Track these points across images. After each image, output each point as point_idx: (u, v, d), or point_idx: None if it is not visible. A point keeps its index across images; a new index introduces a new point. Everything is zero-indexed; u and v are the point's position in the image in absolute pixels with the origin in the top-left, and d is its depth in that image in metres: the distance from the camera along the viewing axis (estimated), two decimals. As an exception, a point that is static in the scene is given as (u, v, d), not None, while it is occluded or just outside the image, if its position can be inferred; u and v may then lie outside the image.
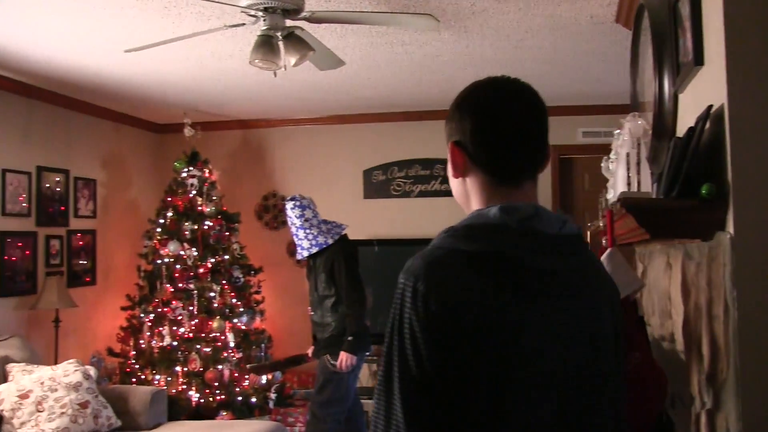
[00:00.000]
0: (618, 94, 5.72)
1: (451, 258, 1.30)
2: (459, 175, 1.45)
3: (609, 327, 1.41)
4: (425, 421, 1.25)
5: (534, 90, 1.47)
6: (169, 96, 5.94)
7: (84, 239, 6.18)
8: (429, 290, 1.26)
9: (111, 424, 4.60)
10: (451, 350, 1.25)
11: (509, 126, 1.41)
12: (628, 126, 2.61)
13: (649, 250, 3.05)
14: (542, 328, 1.29)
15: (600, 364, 1.37)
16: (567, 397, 1.31)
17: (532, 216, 1.34)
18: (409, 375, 1.26)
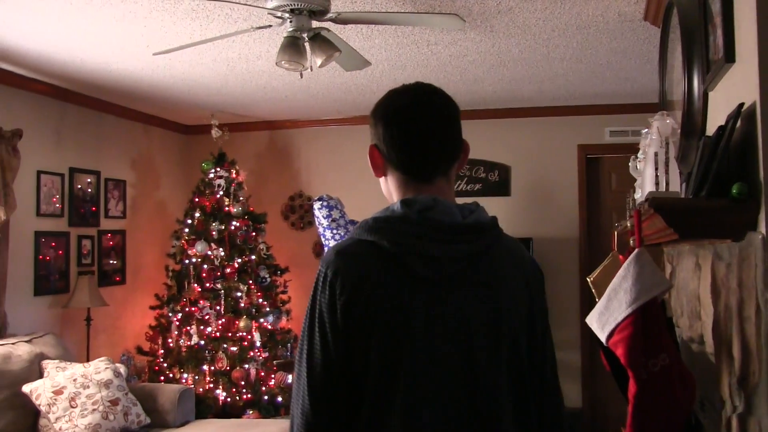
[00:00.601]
0: (646, 92, 5.68)
1: (357, 247, 1.48)
2: (380, 174, 1.63)
3: (521, 304, 1.53)
4: (324, 390, 1.43)
5: (444, 94, 1.62)
6: (197, 97, 5.98)
7: (114, 239, 6.25)
8: (335, 276, 1.45)
9: (140, 421, 4.66)
10: (349, 330, 1.42)
11: (414, 129, 1.55)
12: (656, 125, 2.59)
13: (677, 251, 3.02)
14: (433, 310, 1.43)
15: (501, 338, 1.48)
16: (457, 376, 1.43)
17: (431, 207, 1.47)
18: (314, 349, 1.44)
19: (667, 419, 2.01)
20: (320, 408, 1.44)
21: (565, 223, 6.53)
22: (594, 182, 6.66)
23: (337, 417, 1.44)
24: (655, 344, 2.01)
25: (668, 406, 2.00)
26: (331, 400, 1.44)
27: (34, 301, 5.35)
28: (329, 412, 1.44)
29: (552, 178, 6.59)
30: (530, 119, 6.61)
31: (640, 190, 3.08)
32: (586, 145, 6.57)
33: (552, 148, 6.60)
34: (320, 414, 1.44)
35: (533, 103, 6.38)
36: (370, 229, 1.49)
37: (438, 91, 1.62)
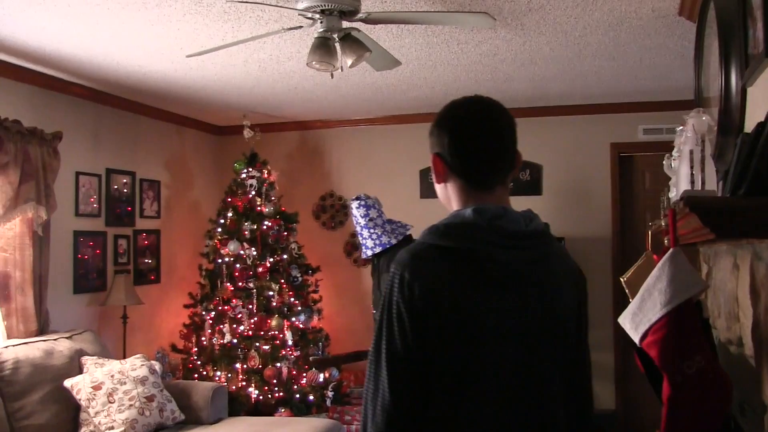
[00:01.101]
0: (680, 89, 5.62)
1: (431, 252, 1.58)
2: (441, 181, 1.75)
3: (570, 308, 1.69)
4: (404, 384, 1.54)
5: (502, 108, 1.71)
6: (230, 99, 6.03)
7: (149, 239, 6.32)
8: (413, 278, 1.55)
9: (175, 418, 4.71)
10: (427, 327, 1.53)
11: (479, 140, 1.67)
12: (691, 122, 2.55)
13: (714, 251, 2.98)
14: (504, 309, 1.57)
15: (556, 338, 1.64)
16: (519, 373, 1.57)
17: (501, 216, 1.60)
18: (393, 346, 1.55)
19: (703, 422, 1.99)
20: (400, 401, 1.54)
21: (597, 223, 6.48)
22: (627, 181, 6.60)
23: (415, 410, 1.55)
24: (691, 346, 1.98)
25: (704, 409, 1.98)
26: (410, 394, 1.54)
27: (73, 299, 5.45)
28: (408, 405, 1.54)
29: (584, 177, 6.54)
30: (562, 118, 6.56)
31: (674, 189, 3.04)
32: (618, 144, 6.51)
33: (584, 147, 6.55)
34: (400, 407, 1.54)
35: (565, 101, 6.34)
36: (442, 235, 1.60)
37: (497, 103, 1.71)
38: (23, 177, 4.66)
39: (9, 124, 4.57)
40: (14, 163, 4.59)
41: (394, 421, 1.54)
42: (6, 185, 4.53)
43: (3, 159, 4.52)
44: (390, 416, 1.54)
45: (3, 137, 4.52)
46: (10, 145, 4.57)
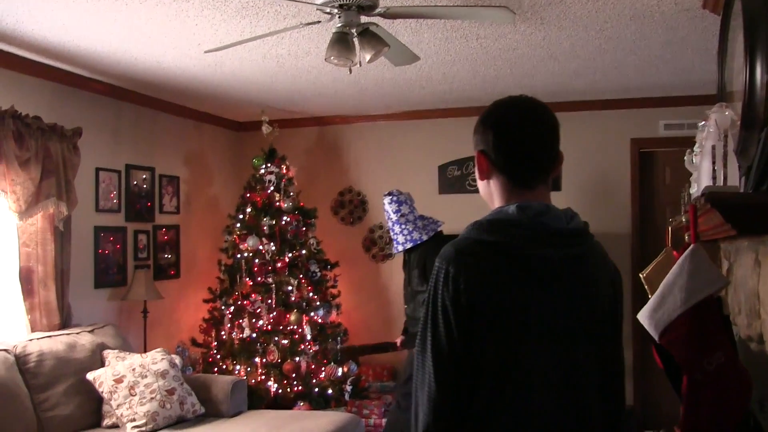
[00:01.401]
0: (702, 84, 5.57)
1: (476, 247, 1.63)
2: (484, 178, 1.79)
3: (607, 305, 1.73)
4: (449, 376, 1.59)
5: (546, 107, 1.74)
6: (248, 94, 6.05)
7: (168, 234, 6.36)
8: (458, 272, 1.59)
9: (195, 411, 4.75)
10: (472, 322, 1.57)
11: (523, 139, 1.71)
12: (714, 117, 2.53)
13: (735, 247, 2.95)
14: (547, 304, 1.61)
15: (594, 334, 1.68)
16: (563, 364, 1.62)
17: (544, 213, 1.64)
18: (438, 340, 1.59)
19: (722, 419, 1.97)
20: (446, 392, 1.59)
21: (617, 219, 6.44)
22: (648, 177, 6.55)
23: (460, 400, 1.60)
24: (711, 343, 1.97)
25: (723, 405, 1.97)
26: (455, 385, 1.60)
27: (94, 293, 5.50)
28: (453, 396, 1.60)
29: (604, 173, 6.50)
30: (582, 113, 6.52)
31: (695, 185, 3.02)
32: (639, 139, 6.47)
33: (604, 143, 6.51)
34: (445, 397, 1.59)
35: (585, 96, 6.30)
36: (487, 231, 1.64)
37: (542, 104, 1.75)
38: (44, 173, 4.70)
39: (30, 121, 4.61)
40: (35, 159, 4.63)
41: (440, 410, 1.60)
42: (27, 181, 4.57)
43: (24, 155, 4.56)
44: (436, 406, 1.60)
45: (24, 133, 4.56)
46: (31, 142, 4.61)
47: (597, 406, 1.70)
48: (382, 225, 7.11)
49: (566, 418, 1.64)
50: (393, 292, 7.04)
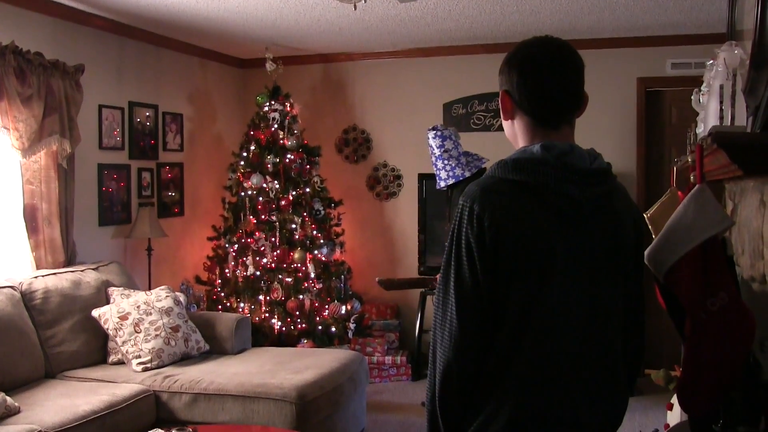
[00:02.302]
0: (712, 22, 5.49)
1: (501, 185, 1.64)
2: (508, 118, 1.79)
3: (631, 243, 1.77)
4: (472, 313, 1.63)
5: (572, 48, 1.76)
6: (252, 31, 5.97)
7: (172, 172, 6.36)
8: (483, 210, 1.61)
9: (200, 348, 4.81)
10: (496, 259, 1.60)
11: (547, 79, 1.71)
12: (723, 56, 2.50)
13: (740, 187, 2.95)
14: (573, 242, 1.65)
15: (618, 272, 1.73)
16: (587, 300, 1.67)
17: (568, 152, 1.66)
18: (461, 277, 1.63)
19: (725, 359, 1.99)
20: (468, 329, 1.63)
21: (622, 158, 6.41)
22: (654, 116, 6.50)
23: (483, 337, 1.64)
24: (715, 283, 1.98)
25: (726, 345, 1.98)
26: (478, 322, 1.63)
27: (99, 231, 5.52)
28: (475, 333, 1.63)
29: (610, 112, 6.44)
30: (588, 51, 6.41)
31: (702, 125, 3.00)
32: (646, 78, 6.39)
33: (611, 82, 6.44)
34: (468, 334, 1.63)
35: (592, 34, 6.21)
36: (512, 169, 1.65)
37: (567, 44, 1.76)
38: (47, 110, 4.67)
39: (31, 57, 4.57)
40: (38, 95, 4.60)
41: (462, 347, 1.63)
42: (30, 118, 4.55)
43: (26, 91, 4.53)
44: (458, 343, 1.63)
45: (26, 69, 4.52)
46: (32, 78, 4.57)
47: (619, 342, 1.75)
48: (386, 163, 7.09)
49: (589, 353, 1.68)
50: (397, 231, 7.07)
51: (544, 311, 1.62)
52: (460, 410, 1.69)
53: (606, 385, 1.72)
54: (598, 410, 1.70)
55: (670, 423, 3.62)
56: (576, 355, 1.67)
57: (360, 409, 4.91)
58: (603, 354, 1.71)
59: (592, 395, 1.69)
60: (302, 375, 4.38)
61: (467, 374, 1.66)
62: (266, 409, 4.17)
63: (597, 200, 1.68)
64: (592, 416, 1.69)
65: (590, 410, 1.68)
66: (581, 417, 1.67)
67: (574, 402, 1.66)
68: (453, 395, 1.68)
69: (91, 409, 3.83)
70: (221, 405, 4.23)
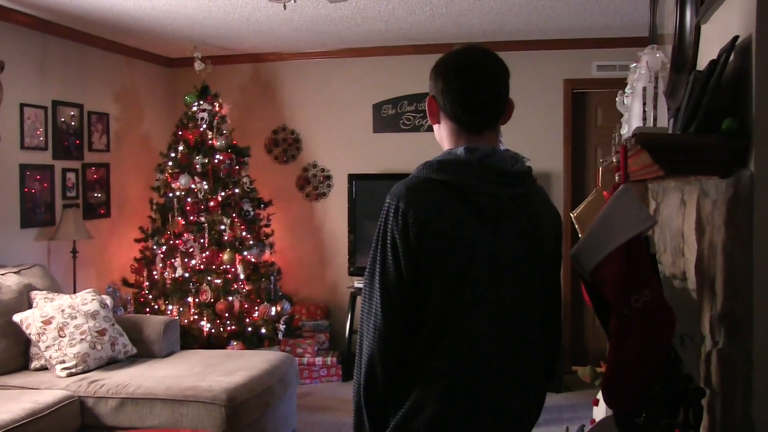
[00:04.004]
0: (635, 26, 5.63)
1: (426, 184, 1.74)
2: (434, 122, 1.90)
3: (550, 245, 1.89)
4: (396, 307, 1.72)
5: (497, 58, 1.85)
6: (180, 30, 5.87)
7: (98, 172, 6.21)
8: (408, 207, 1.70)
9: (127, 351, 4.72)
10: (420, 254, 1.69)
11: (470, 88, 1.80)
12: (645, 59, 2.57)
13: (662, 187, 3.03)
14: (493, 239, 1.75)
15: (537, 271, 1.84)
16: (506, 295, 1.77)
17: (490, 155, 1.76)
18: (386, 272, 1.72)
19: (648, 354, 2.04)
20: (392, 322, 1.72)
21: (550, 158, 6.54)
22: (580, 117, 6.65)
23: (406, 329, 1.74)
24: (639, 280, 2.02)
25: (649, 341, 2.03)
26: (401, 315, 1.73)
27: (21, 233, 5.34)
28: (399, 325, 1.73)
29: (537, 113, 6.55)
30: (516, 53, 6.53)
31: (626, 126, 3.07)
32: (572, 80, 6.53)
33: (538, 83, 6.55)
34: (391, 327, 1.72)
35: (520, 36, 6.31)
36: (436, 170, 1.75)
37: (492, 54, 1.85)
38: (-35, 107, 4.51)
39: (-52, 52, 4.40)
40: (-45, 92, 4.44)
41: (386, 340, 1.73)
42: (-53, 115, 4.39)
43: (-58, 88, 4.36)
44: (382, 335, 1.72)
45: (-58, 65, 4.36)
46: (-51, 74, 4.41)
47: (538, 338, 1.86)
48: (316, 163, 7.08)
49: (508, 347, 1.78)
50: (327, 231, 7.05)
51: (464, 305, 1.72)
52: (385, 401, 1.78)
53: (526, 377, 1.82)
54: (518, 401, 1.80)
55: (596, 418, 3.70)
56: (495, 349, 1.76)
57: (290, 410, 4.90)
58: (521, 348, 1.80)
59: (513, 386, 1.78)
60: (232, 377, 4.34)
61: (391, 366, 1.75)
62: (195, 412, 4.11)
63: (517, 200, 1.78)
64: (512, 405, 1.79)
65: (511, 400, 1.78)
66: (503, 406, 1.77)
67: (495, 393, 1.75)
68: (377, 386, 1.76)
69: (11, 418, 3.68)
70: (149, 409, 4.15)
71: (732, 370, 1.84)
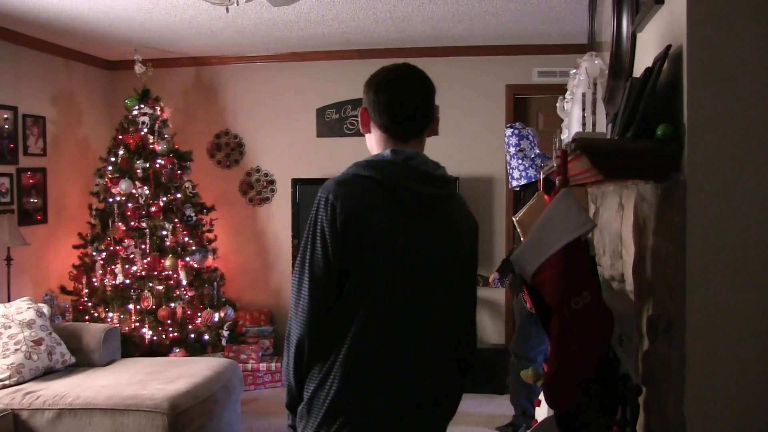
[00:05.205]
0: (575, 33, 5.73)
1: (354, 179, 1.94)
2: (366, 131, 2.12)
3: (465, 248, 2.07)
4: (322, 293, 1.91)
5: (424, 75, 2.08)
6: (120, 32, 5.77)
7: (34, 177, 6.06)
8: (336, 199, 1.90)
9: (65, 361, 4.61)
10: (346, 242, 1.88)
11: (397, 102, 2.02)
12: (584, 65, 2.61)
13: (601, 191, 3.09)
14: (411, 233, 1.95)
15: (450, 271, 2.03)
16: (414, 287, 1.95)
17: (413, 157, 1.97)
18: (315, 258, 1.91)
19: (588, 355, 2.08)
20: (319, 305, 1.91)
21: (492, 163, 6.61)
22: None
23: (328, 306, 1.92)
24: (579, 283, 2.06)
25: (589, 341, 2.07)
26: (327, 300, 1.91)
27: (-50, 240, 5.18)
28: (325, 309, 1.91)
29: (480, 118, 6.63)
30: (459, 58, 6.60)
31: (567, 131, 3.12)
32: (514, 85, 6.61)
33: (480, 88, 6.62)
34: (319, 310, 1.91)
35: (463, 42, 6.37)
36: (365, 167, 1.96)
37: (419, 72, 2.09)
38: None
39: None
40: None
41: (312, 323, 1.91)
42: None
43: None
44: (309, 319, 1.91)
45: None
46: None
47: (443, 333, 2.04)
48: (260, 168, 7.03)
49: (410, 337, 1.96)
50: (270, 236, 7.01)
51: (375, 292, 1.91)
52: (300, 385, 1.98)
53: (428, 365, 1.99)
54: (419, 386, 1.98)
55: (538, 419, 3.75)
56: (398, 336, 1.94)
57: (235, 417, 4.85)
58: (425, 338, 1.98)
59: (414, 373, 1.96)
60: (174, 385, 4.28)
61: (316, 346, 1.93)
62: (137, 421, 4.04)
63: (438, 200, 1.99)
64: (414, 389, 1.97)
65: (412, 385, 1.96)
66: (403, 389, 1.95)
67: (395, 376, 1.94)
68: (305, 367, 1.95)
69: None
70: (88, 419, 4.06)
71: (666, 368, 1.88)
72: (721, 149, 1.74)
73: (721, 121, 1.74)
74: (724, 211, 1.74)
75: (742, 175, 1.73)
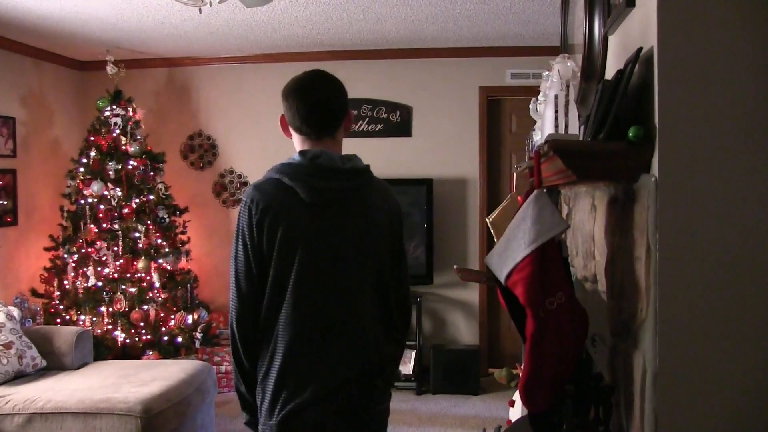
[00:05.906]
0: (548, 35, 5.77)
1: (269, 183, 2.20)
2: (287, 135, 2.37)
3: (384, 232, 2.29)
4: (246, 283, 2.19)
5: (332, 78, 2.32)
6: (92, 32, 5.72)
7: (4, 179, 5.98)
8: (253, 201, 2.17)
9: (36, 365, 4.56)
10: (262, 238, 2.15)
11: (305, 105, 2.26)
12: (557, 68, 2.63)
13: (574, 192, 3.11)
14: (317, 227, 2.18)
15: (368, 254, 2.25)
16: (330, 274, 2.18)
17: (319, 156, 2.20)
18: (238, 256, 2.19)
19: (562, 355, 2.09)
20: (245, 295, 2.19)
21: (466, 164, 6.63)
22: (495, 124, 6.76)
23: (255, 295, 2.19)
24: (553, 283, 2.07)
25: (563, 342, 2.08)
26: (251, 291, 2.18)
27: None
28: (250, 297, 2.19)
29: (453, 120, 6.65)
30: (433, 60, 6.62)
31: (539, 132, 3.14)
32: (487, 87, 6.64)
33: (454, 90, 6.64)
34: (245, 299, 2.20)
35: (436, 43, 6.39)
36: (277, 171, 2.21)
37: (328, 75, 2.31)
38: None
39: None
40: None
41: (241, 309, 2.20)
42: None
43: None
44: (238, 305, 2.21)
45: None
46: None
47: (371, 312, 2.26)
48: (233, 169, 7.00)
49: (341, 318, 2.19)
50: (245, 238, 6.96)
51: (297, 277, 2.15)
52: (250, 367, 2.25)
53: (359, 340, 2.22)
54: (354, 358, 2.20)
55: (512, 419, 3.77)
56: (324, 316, 2.18)
57: (209, 419, 4.82)
58: (352, 319, 2.21)
59: (347, 346, 2.20)
60: (148, 387, 4.25)
61: (247, 332, 2.21)
62: (110, 425, 4.00)
63: (348, 193, 2.22)
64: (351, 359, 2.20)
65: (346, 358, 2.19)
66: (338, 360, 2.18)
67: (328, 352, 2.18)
68: (239, 349, 2.23)
69: None
70: (60, 424, 4.02)
71: (638, 368, 1.90)
72: (691, 151, 1.77)
73: (691, 122, 1.76)
74: (695, 212, 1.76)
75: (713, 177, 1.76)
